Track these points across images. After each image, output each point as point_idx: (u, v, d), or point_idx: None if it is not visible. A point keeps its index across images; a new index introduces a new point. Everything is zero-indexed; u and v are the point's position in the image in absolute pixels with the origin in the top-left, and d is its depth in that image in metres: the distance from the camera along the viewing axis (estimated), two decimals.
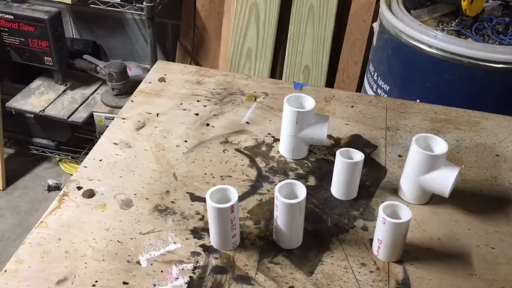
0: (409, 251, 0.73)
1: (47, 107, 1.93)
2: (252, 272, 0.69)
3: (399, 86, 1.51)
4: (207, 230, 0.73)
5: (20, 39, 1.88)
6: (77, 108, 1.94)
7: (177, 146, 0.91)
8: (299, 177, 0.85)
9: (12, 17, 1.85)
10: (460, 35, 1.44)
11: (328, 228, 0.76)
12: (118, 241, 0.72)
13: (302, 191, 0.69)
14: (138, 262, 0.70)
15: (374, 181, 0.85)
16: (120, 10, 1.87)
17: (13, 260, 0.69)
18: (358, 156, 0.78)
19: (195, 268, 0.69)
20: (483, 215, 0.79)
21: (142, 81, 1.08)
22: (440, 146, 0.78)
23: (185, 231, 0.74)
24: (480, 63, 1.33)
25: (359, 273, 0.69)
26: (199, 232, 0.74)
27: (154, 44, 1.87)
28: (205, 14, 2.06)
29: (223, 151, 0.90)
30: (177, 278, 0.67)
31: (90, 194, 0.80)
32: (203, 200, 0.79)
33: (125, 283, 0.67)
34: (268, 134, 0.95)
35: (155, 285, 0.67)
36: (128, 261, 0.70)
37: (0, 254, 1.80)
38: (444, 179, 0.76)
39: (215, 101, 1.03)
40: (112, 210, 0.77)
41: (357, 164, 0.78)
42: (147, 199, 0.80)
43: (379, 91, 1.58)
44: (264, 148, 0.91)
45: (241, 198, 0.80)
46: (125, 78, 1.91)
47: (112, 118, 1.13)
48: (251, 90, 1.06)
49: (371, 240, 0.73)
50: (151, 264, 0.69)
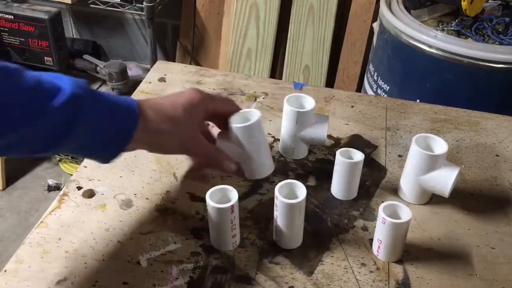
0: (409, 251, 0.72)
1: None
2: (252, 272, 0.69)
3: (399, 86, 1.51)
4: (207, 230, 0.73)
5: (20, 39, 1.88)
6: None
7: None
8: (299, 177, 0.85)
9: (12, 17, 1.85)
10: (460, 35, 1.44)
11: (328, 228, 0.76)
12: (118, 241, 0.72)
13: (302, 191, 0.69)
14: (138, 262, 0.69)
15: (374, 181, 0.85)
16: (120, 10, 1.87)
17: (13, 260, 0.69)
18: (358, 156, 0.78)
19: (195, 268, 0.69)
20: (483, 215, 0.79)
21: (142, 81, 1.08)
22: (440, 146, 0.78)
23: (185, 231, 0.74)
24: (480, 63, 1.33)
25: (359, 273, 0.69)
26: (199, 232, 0.74)
27: (154, 44, 1.87)
28: (205, 14, 2.06)
29: None
30: (177, 278, 0.67)
31: (90, 194, 0.80)
32: (203, 200, 0.79)
33: (125, 283, 0.67)
34: (268, 134, 0.94)
35: (155, 285, 0.67)
36: (128, 261, 0.70)
37: (0, 254, 1.80)
38: (444, 179, 0.76)
39: None
40: (112, 210, 0.77)
41: (357, 164, 0.78)
42: (147, 199, 0.80)
43: (379, 91, 1.58)
44: None
45: (241, 198, 0.80)
46: (125, 78, 1.91)
47: None
48: (251, 90, 1.06)
49: (371, 240, 0.73)
50: (151, 264, 0.69)
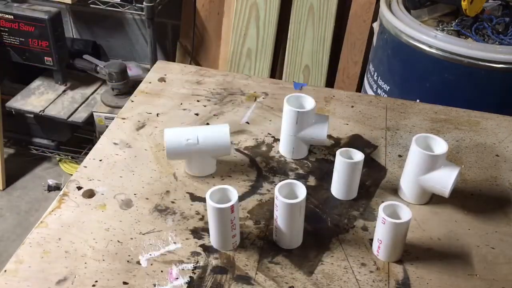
0: (409, 251, 0.72)
1: (47, 107, 1.93)
2: (252, 272, 0.69)
3: (399, 86, 1.51)
4: (207, 230, 0.73)
5: (20, 39, 1.88)
6: (77, 108, 1.94)
7: None
8: (299, 177, 0.85)
9: (12, 17, 1.84)
10: (460, 35, 1.44)
11: (328, 228, 0.76)
12: (118, 241, 0.72)
13: (302, 191, 0.69)
14: (138, 262, 0.70)
15: (374, 181, 0.85)
16: (120, 10, 1.87)
17: (13, 260, 0.69)
18: (358, 156, 0.78)
19: (195, 268, 0.69)
20: (483, 215, 0.79)
21: (142, 81, 1.08)
22: (440, 146, 0.78)
23: (185, 231, 0.74)
24: (480, 63, 1.32)
25: (359, 273, 0.69)
26: (199, 232, 0.74)
27: (154, 44, 1.87)
28: (205, 14, 2.06)
29: None
30: (177, 278, 0.67)
31: (90, 194, 0.80)
32: (203, 200, 0.79)
33: (125, 283, 0.67)
34: (268, 134, 0.94)
35: (155, 285, 0.67)
36: (128, 261, 0.70)
37: (0, 254, 1.80)
38: (444, 179, 0.76)
39: (215, 101, 1.03)
40: (112, 210, 0.77)
41: (357, 164, 0.78)
42: (147, 199, 0.80)
43: (379, 91, 1.58)
44: (264, 148, 0.91)
45: (241, 198, 0.80)
46: (125, 78, 1.91)
47: (112, 118, 1.13)
48: (251, 90, 1.06)
49: (371, 240, 0.73)
50: (151, 264, 0.69)
